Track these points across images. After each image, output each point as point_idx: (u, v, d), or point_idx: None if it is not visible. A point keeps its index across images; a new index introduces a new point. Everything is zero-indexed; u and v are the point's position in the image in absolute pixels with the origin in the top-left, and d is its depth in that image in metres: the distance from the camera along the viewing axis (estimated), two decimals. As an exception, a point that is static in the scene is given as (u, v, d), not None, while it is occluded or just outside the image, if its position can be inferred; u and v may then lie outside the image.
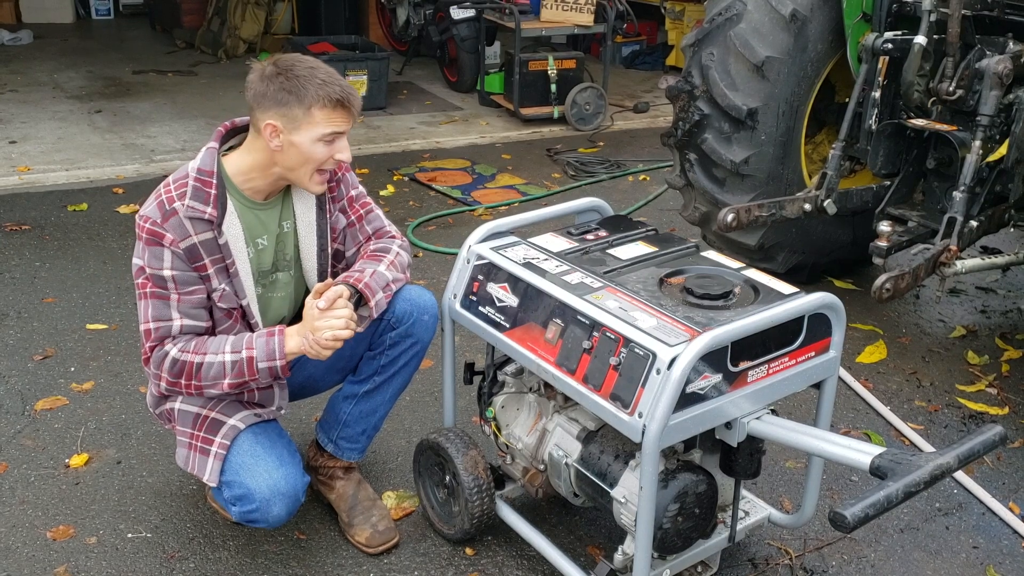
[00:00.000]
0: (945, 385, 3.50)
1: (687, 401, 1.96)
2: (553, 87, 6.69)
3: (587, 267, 2.30)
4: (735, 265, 2.36)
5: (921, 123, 3.40)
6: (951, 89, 3.31)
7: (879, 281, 3.02)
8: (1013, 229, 3.70)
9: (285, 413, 2.49)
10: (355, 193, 2.50)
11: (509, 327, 2.28)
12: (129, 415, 3.15)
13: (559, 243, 2.45)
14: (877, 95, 3.48)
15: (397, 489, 2.81)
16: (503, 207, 5.19)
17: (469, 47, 7.31)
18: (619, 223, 2.59)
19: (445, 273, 4.09)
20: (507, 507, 2.53)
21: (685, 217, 4.15)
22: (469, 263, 2.43)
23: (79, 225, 4.74)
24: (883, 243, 3.22)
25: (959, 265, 3.22)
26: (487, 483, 2.47)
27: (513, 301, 2.28)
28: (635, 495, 2.08)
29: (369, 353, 2.51)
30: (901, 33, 3.49)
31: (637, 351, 1.97)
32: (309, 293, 2.30)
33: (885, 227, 3.23)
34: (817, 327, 2.17)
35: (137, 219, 2.22)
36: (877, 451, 1.90)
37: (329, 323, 2.17)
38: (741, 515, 2.38)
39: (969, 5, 3.30)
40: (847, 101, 3.64)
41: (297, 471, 2.32)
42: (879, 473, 1.86)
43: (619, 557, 2.22)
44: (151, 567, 2.50)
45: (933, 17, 3.34)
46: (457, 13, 7.09)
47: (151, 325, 2.23)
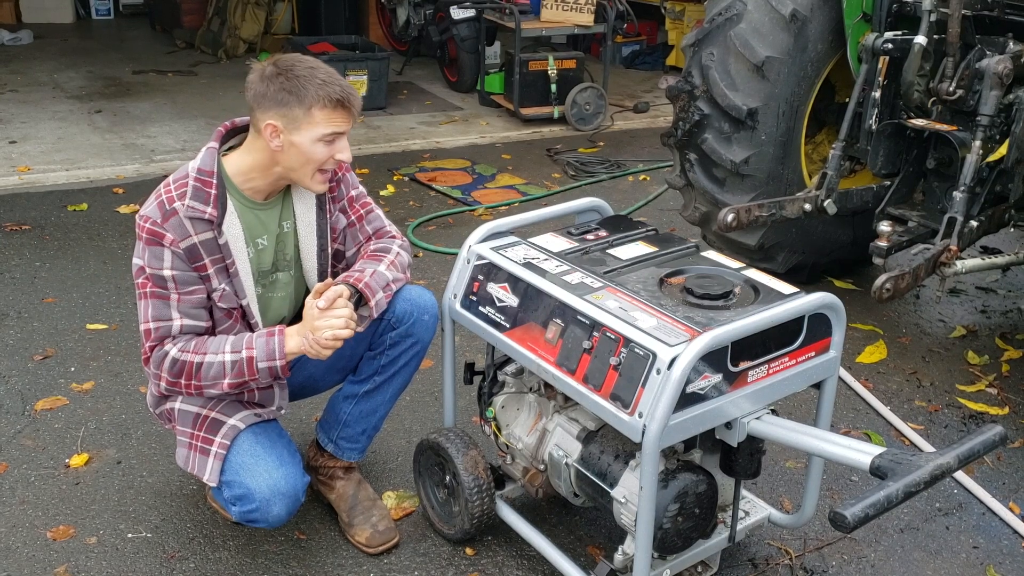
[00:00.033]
0: (945, 385, 3.50)
1: (687, 401, 1.96)
2: (553, 87, 6.69)
3: (587, 267, 2.30)
4: (735, 265, 2.36)
5: (921, 123, 3.40)
6: (951, 89, 3.31)
7: (879, 281, 3.02)
8: (1013, 229, 3.70)
9: (285, 413, 2.49)
10: (355, 193, 2.50)
11: (509, 327, 2.28)
12: (129, 415, 3.15)
13: (559, 243, 2.45)
14: (877, 95, 3.48)
15: (397, 489, 2.81)
16: (503, 207, 5.19)
17: (469, 47, 7.31)
18: (619, 223, 2.59)
19: (445, 273, 4.09)
20: (507, 507, 2.53)
21: (685, 217, 4.15)
22: (469, 263, 2.43)
23: (79, 225, 4.74)
24: (883, 243, 3.22)
25: (959, 265, 3.21)
26: (487, 483, 2.47)
27: (513, 301, 2.28)
28: (635, 495, 2.08)
29: (369, 353, 2.51)
30: (901, 33, 3.49)
31: (637, 351, 1.97)
32: (309, 293, 2.30)
33: (885, 227, 3.23)
34: (817, 327, 2.17)
35: (137, 219, 2.22)
36: (877, 451, 1.90)
37: (329, 323, 2.17)
38: (741, 515, 2.38)
39: (969, 5, 3.30)
40: (847, 101, 3.64)
41: (297, 471, 2.32)
42: (879, 473, 1.86)
43: (619, 557, 2.22)
44: (151, 567, 2.50)
45: (933, 17, 3.34)
46: (457, 13, 7.09)
47: (151, 325, 2.23)
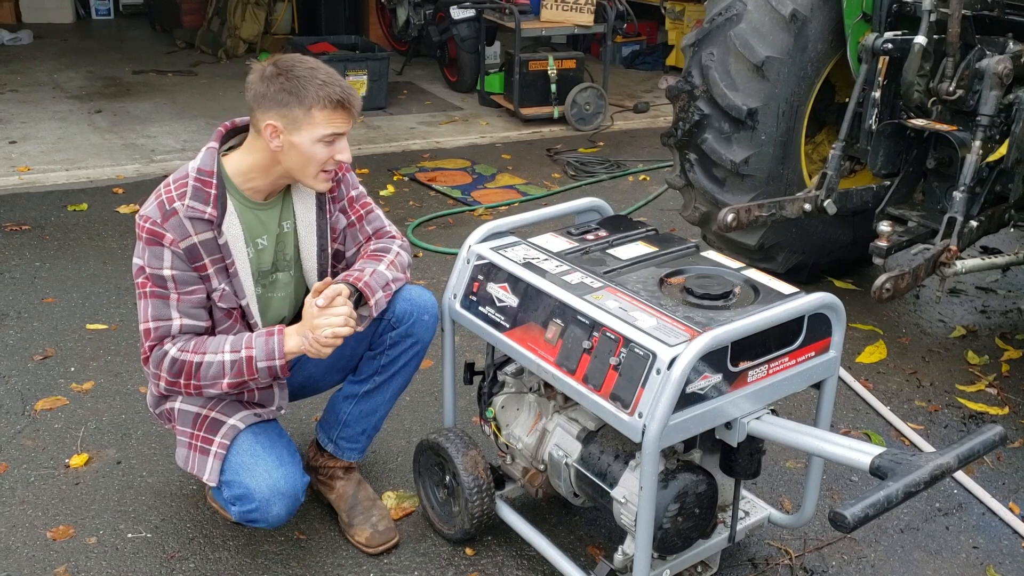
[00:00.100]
0: (945, 385, 3.50)
1: (687, 401, 1.96)
2: (553, 87, 6.69)
3: (587, 267, 2.30)
4: (735, 265, 2.36)
5: (921, 123, 3.40)
6: (951, 89, 3.31)
7: (879, 281, 3.02)
8: (1013, 229, 3.70)
9: (285, 413, 2.49)
10: (355, 193, 2.50)
11: (509, 327, 2.28)
12: (129, 415, 3.15)
13: (559, 243, 2.45)
14: (877, 95, 3.48)
15: (397, 489, 2.81)
16: (503, 207, 5.18)
17: (469, 47, 7.31)
18: (619, 223, 2.59)
19: (445, 273, 4.09)
20: (507, 507, 2.53)
21: (685, 217, 4.15)
22: (469, 263, 2.43)
23: (79, 225, 4.74)
24: (883, 243, 3.22)
25: (959, 265, 3.21)
26: (487, 483, 2.47)
27: (513, 301, 2.28)
28: (635, 495, 2.08)
29: (369, 353, 2.51)
30: (901, 33, 3.49)
31: (637, 351, 1.97)
32: (309, 293, 2.30)
33: (885, 227, 3.23)
34: (817, 327, 2.17)
35: (137, 219, 2.22)
36: (877, 451, 1.90)
37: (328, 321, 2.17)
38: (741, 515, 2.38)
39: (969, 5, 3.30)
40: (847, 101, 3.64)
41: (297, 471, 2.32)
42: (879, 473, 1.86)
43: (619, 557, 2.22)
44: (151, 567, 2.50)
45: (933, 17, 3.34)
46: (457, 13, 7.09)
47: (151, 324, 2.23)
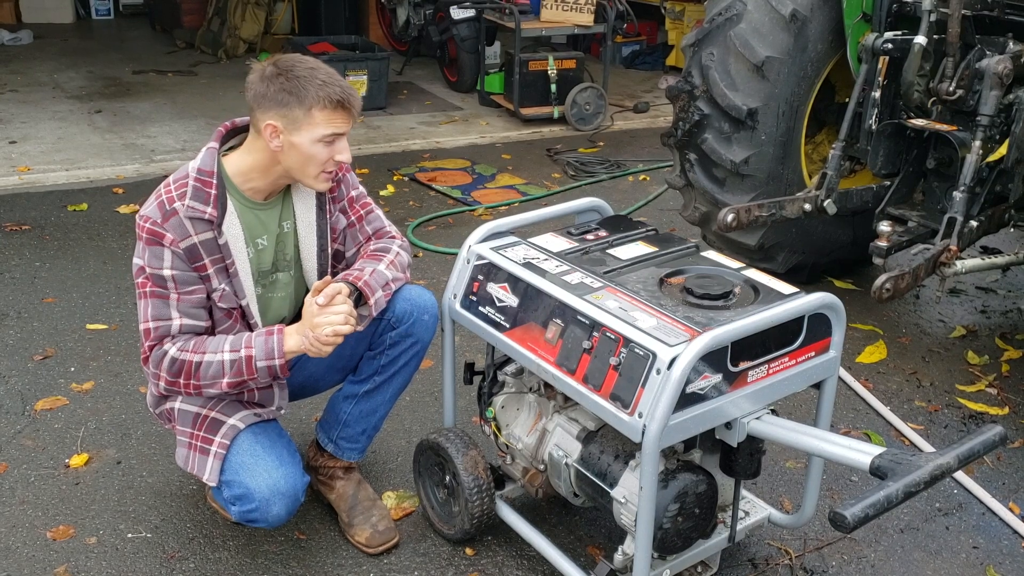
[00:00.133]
0: (945, 385, 3.50)
1: (687, 401, 1.96)
2: (553, 87, 6.69)
3: (587, 267, 2.30)
4: (735, 265, 2.36)
5: (921, 123, 3.40)
6: (951, 89, 3.31)
7: (879, 281, 3.02)
8: (1013, 229, 3.70)
9: (285, 413, 2.49)
10: (355, 193, 2.50)
11: (509, 327, 2.28)
12: (129, 415, 3.15)
13: (559, 243, 2.45)
14: (877, 95, 3.48)
15: (397, 489, 2.81)
16: (503, 207, 5.18)
17: (469, 47, 7.31)
18: (619, 223, 2.59)
19: (445, 273, 4.09)
20: (507, 507, 2.53)
21: (685, 217, 4.15)
22: (469, 263, 2.43)
23: (79, 225, 4.74)
24: (883, 243, 3.22)
25: (959, 265, 3.21)
26: (487, 483, 2.47)
27: (513, 301, 2.28)
28: (635, 495, 2.08)
29: (369, 353, 2.51)
30: (901, 33, 3.49)
31: (637, 351, 1.97)
32: (309, 293, 2.30)
33: (885, 227, 3.23)
34: (817, 327, 2.17)
35: (137, 219, 2.22)
36: (877, 451, 1.90)
37: (329, 319, 2.17)
38: (741, 515, 2.38)
39: (969, 5, 3.30)
40: (847, 101, 3.64)
41: (297, 471, 2.32)
42: (879, 473, 1.86)
43: (619, 557, 2.22)
44: (151, 567, 2.50)
45: (933, 17, 3.34)
46: (457, 13, 7.09)
47: (150, 324, 2.23)
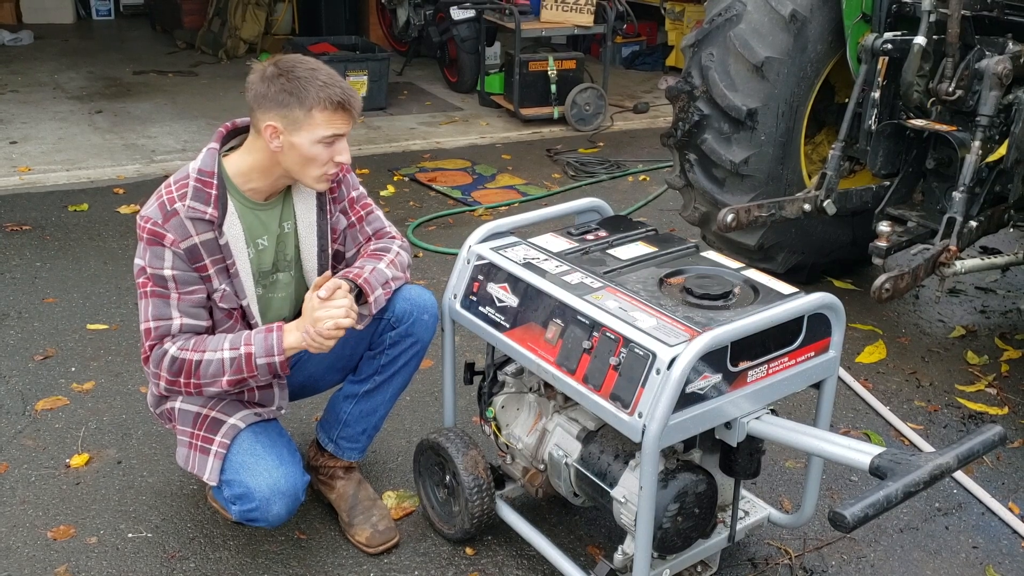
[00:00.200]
0: (945, 385, 3.50)
1: (687, 401, 1.96)
2: (553, 87, 6.70)
3: (587, 267, 2.30)
4: (735, 265, 2.36)
5: (921, 123, 3.40)
6: (951, 89, 3.32)
7: (879, 281, 3.02)
8: (1013, 229, 3.70)
9: (285, 413, 2.49)
10: (356, 194, 2.50)
11: (509, 327, 2.28)
12: (129, 415, 3.15)
13: (559, 243, 2.45)
14: (877, 95, 3.48)
15: (397, 489, 2.81)
16: (503, 207, 5.19)
17: (469, 48, 7.32)
18: (619, 223, 2.59)
19: (445, 273, 4.10)
20: (507, 507, 2.54)
21: (685, 217, 4.16)
22: (469, 263, 2.43)
23: (80, 225, 4.74)
24: (883, 243, 3.22)
25: (958, 265, 3.22)
26: (487, 483, 2.48)
27: (513, 301, 2.28)
28: (635, 495, 2.08)
29: (369, 352, 2.51)
30: (901, 33, 3.49)
31: (637, 351, 1.98)
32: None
33: (885, 227, 3.23)
34: (817, 327, 2.17)
35: (138, 219, 2.23)
36: (877, 451, 1.90)
37: (330, 312, 2.17)
38: (741, 515, 2.39)
39: (969, 5, 3.30)
40: (847, 101, 3.64)
41: (297, 470, 2.32)
42: (879, 473, 1.86)
43: (619, 557, 2.23)
44: (151, 567, 2.50)
45: (933, 17, 3.34)
46: (457, 14, 7.09)
47: (151, 324, 2.23)
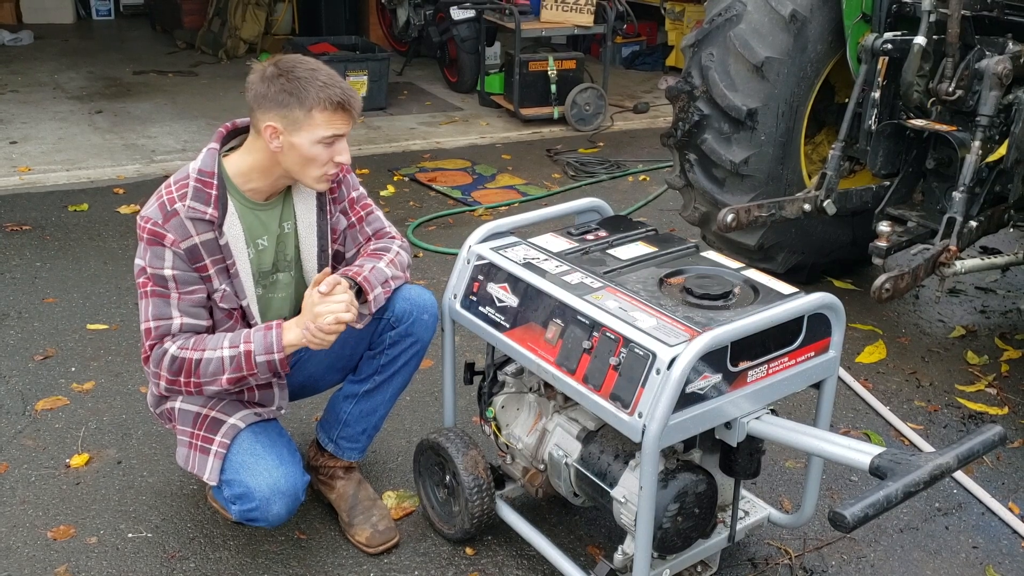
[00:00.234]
0: (945, 385, 3.50)
1: (687, 401, 1.96)
2: (553, 87, 6.70)
3: (587, 267, 2.31)
4: (735, 265, 2.36)
5: (921, 123, 3.40)
6: (951, 89, 3.32)
7: (879, 281, 3.02)
8: (1013, 229, 3.70)
9: (285, 413, 2.49)
10: (356, 195, 2.50)
11: (509, 327, 2.28)
12: (130, 415, 3.15)
13: (559, 243, 2.45)
14: (877, 95, 3.48)
15: (397, 489, 2.81)
16: (503, 207, 5.19)
17: (469, 48, 7.32)
18: (619, 223, 2.60)
19: (445, 273, 4.10)
20: (507, 507, 2.54)
21: (685, 217, 4.16)
22: (469, 263, 2.43)
23: (80, 225, 4.74)
24: (883, 243, 3.22)
25: (958, 265, 3.22)
26: (487, 483, 2.48)
27: (513, 301, 2.28)
28: (635, 495, 2.08)
29: (369, 352, 2.52)
30: (901, 33, 3.49)
31: (637, 351, 1.98)
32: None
33: (885, 227, 3.23)
34: (817, 327, 2.17)
35: (138, 220, 2.23)
36: (877, 451, 1.90)
37: (330, 307, 2.16)
38: (741, 515, 2.39)
39: (969, 5, 3.31)
40: (847, 101, 3.64)
41: (297, 470, 2.32)
42: (879, 473, 1.86)
43: (619, 557, 2.23)
44: (151, 567, 2.50)
45: (933, 17, 3.34)
46: (457, 14, 7.09)
47: (151, 324, 2.23)
